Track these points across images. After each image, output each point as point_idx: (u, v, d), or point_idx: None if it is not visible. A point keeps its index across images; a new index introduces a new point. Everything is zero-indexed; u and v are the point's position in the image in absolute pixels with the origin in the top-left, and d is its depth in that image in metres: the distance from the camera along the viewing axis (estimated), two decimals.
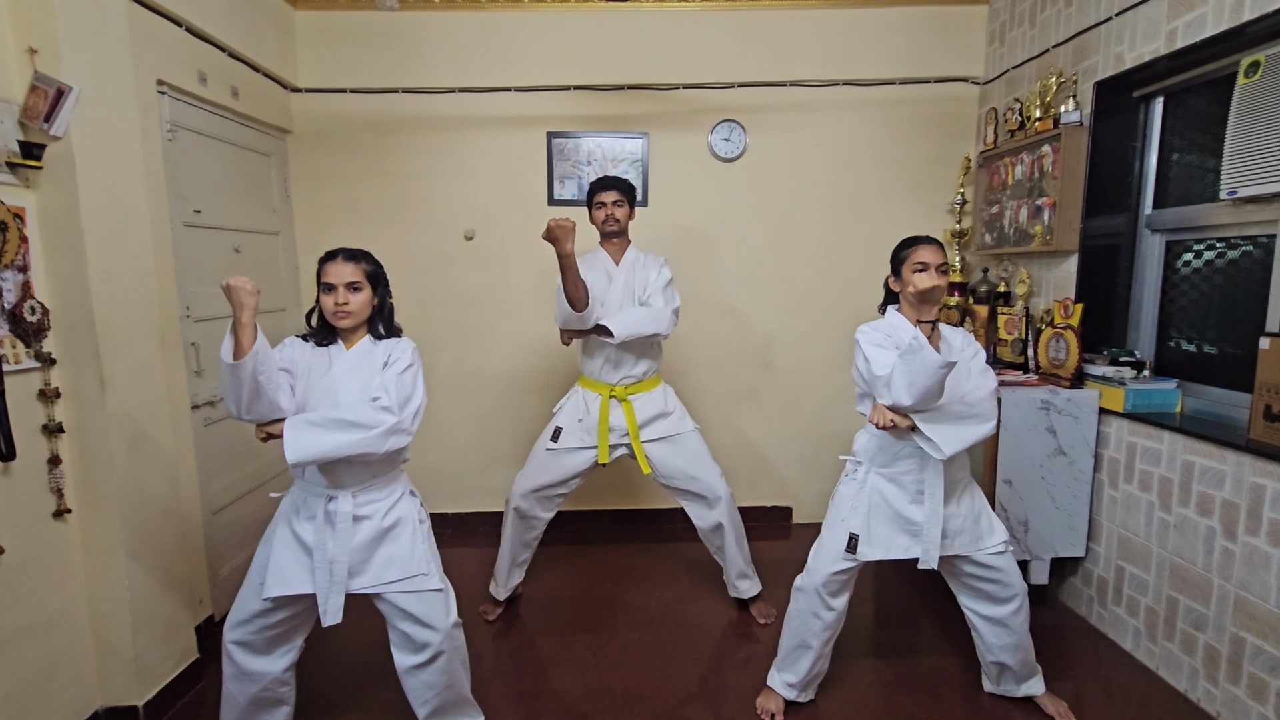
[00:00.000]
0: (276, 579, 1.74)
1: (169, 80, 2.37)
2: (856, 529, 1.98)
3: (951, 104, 3.33)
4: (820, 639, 2.04)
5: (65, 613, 1.92)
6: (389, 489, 1.82)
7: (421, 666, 1.82)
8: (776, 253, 3.42)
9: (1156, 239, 2.57)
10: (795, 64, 3.27)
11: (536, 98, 3.28)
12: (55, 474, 1.87)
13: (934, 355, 1.68)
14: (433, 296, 3.41)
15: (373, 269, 1.83)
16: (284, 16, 3.14)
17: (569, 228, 2.23)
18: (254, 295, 1.55)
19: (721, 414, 3.51)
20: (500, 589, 2.69)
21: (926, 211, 3.39)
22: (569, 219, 2.24)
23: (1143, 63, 2.34)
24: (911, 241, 1.99)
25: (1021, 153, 2.87)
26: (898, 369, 1.77)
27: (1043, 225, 2.73)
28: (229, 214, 2.78)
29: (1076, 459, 2.54)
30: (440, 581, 1.83)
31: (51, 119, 1.77)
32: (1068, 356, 2.56)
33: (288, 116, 3.22)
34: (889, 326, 2.00)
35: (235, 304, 1.54)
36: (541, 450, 2.61)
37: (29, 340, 1.80)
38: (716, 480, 2.58)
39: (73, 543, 1.94)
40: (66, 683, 1.92)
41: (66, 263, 1.86)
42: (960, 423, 1.84)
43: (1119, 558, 2.47)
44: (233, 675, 1.82)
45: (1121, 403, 2.40)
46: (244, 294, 1.52)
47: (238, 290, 1.52)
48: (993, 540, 2.00)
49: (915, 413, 1.83)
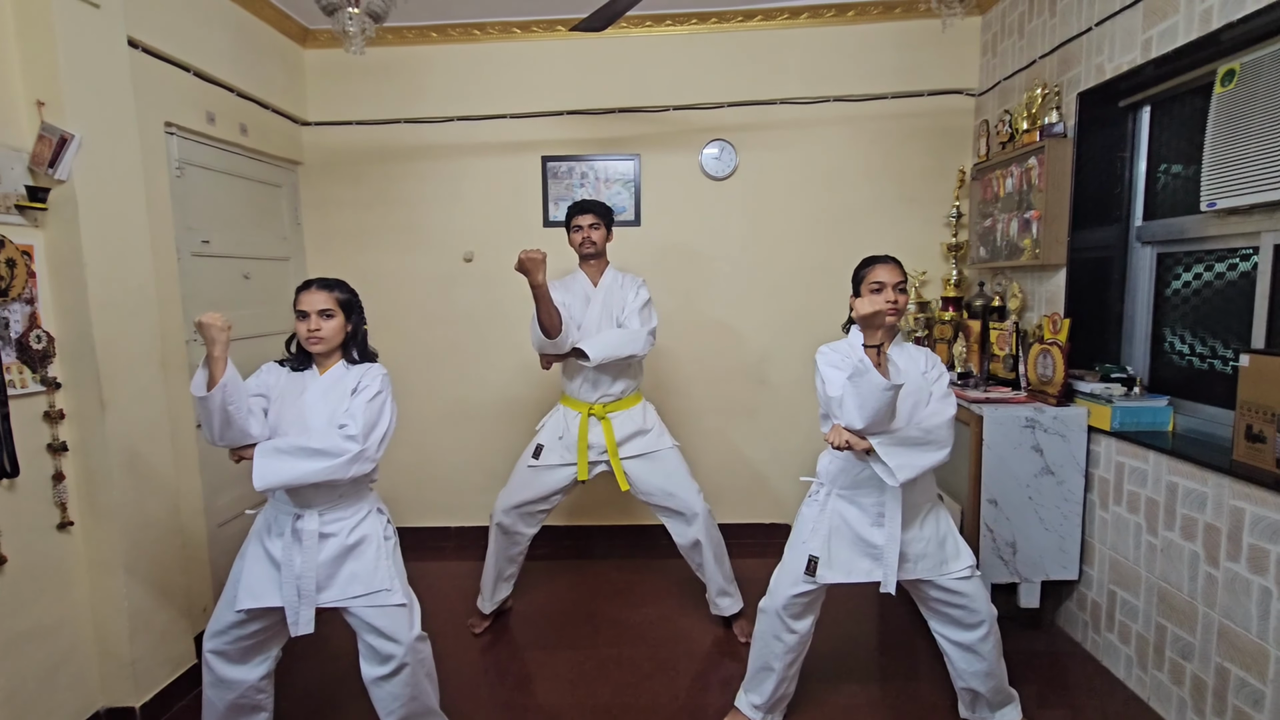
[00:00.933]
0: (247, 592, 1.85)
1: (177, 121, 2.55)
2: (817, 551, 1.98)
3: (946, 117, 3.30)
4: (783, 661, 2.04)
5: (69, 618, 2.06)
6: (355, 507, 1.91)
7: (386, 678, 1.89)
8: (770, 270, 3.43)
9: (1148, 251, 2.50)
10: (785, 82, 3.29)
11: (531, 123, 3.38)
12: (59, 489, 2.03)
13: (879, 379, 1.68)
14: (434, 317, 3.53)
15: (346, 297, 1.93)
16: (294, 56, 3.33)
17: (539, 259, 2.31)
18: (225, 330, 1.65)
19: (717, 431, 3.52)
20: (486, 603, 2.76)
21: (922, 225, 3.35)
22: (539, 250, 2.32)
23: (1122, 73, 2.29)
24: (869, 261, 2.00)
25: (1011, 165, 2.82)
26: (847, 391, 1.77)
27: (1031, 238, 2.68)
28: (238, 243, 2.96)
29: (1065, 479, 2.47)
30: (404, 596, 1.91)
31: (56, 164, 1.94)
32: (1054, 373, 2.50)
33: (298, 149, 3.41)
34: (848, 347, 2.00)
35: (208, 340, 1.65)
36: (523, 467, 2.68)
37: (35, 366, 1.96)
38: (694, 497, 2.60)
39: (76, 553, 2.09)
40: (69, 683, 2.06)
41: (70, 295, 2.02)
42: (916, 449, 1.82)
43: (1111, 581, 2.38)
44: (211, 683, 1.93)
45: (1109, 421, 2.33)
46: (215, 330, 1.63)
47: (208, 327, 1.63)
48: (958, 565, 1.96)
49: (871, 435, 1.83)
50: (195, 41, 2.63)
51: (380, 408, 1.86)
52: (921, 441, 1.83)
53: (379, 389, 1.86)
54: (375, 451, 1.84)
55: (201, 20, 2.67)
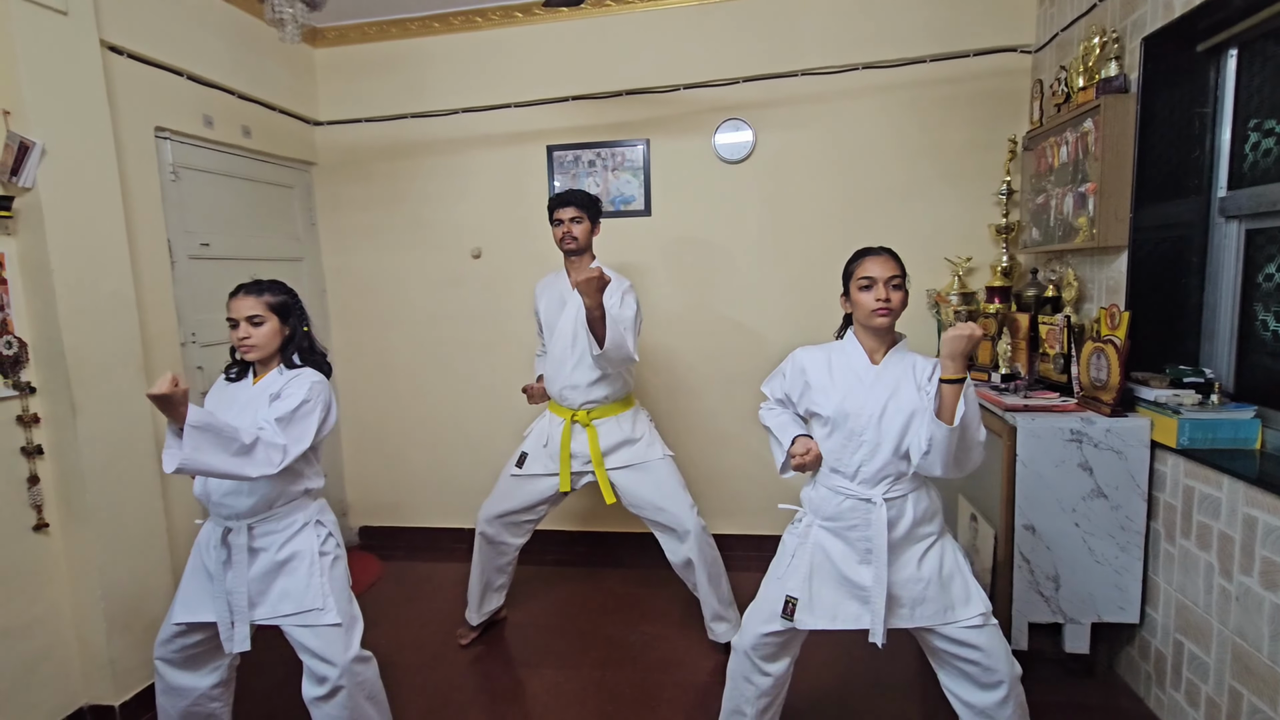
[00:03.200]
0: (183, 605, 1.81)
1: (169, 125, 2.57)
2: (795, 591, 1.71)
3: (995, 79, 2.87)
4: (754, 706, 1.79)
5: (47, 616, 2.11)
6: (287, 520, 1.82)
7: (323, 700, 1.80)
8: (791, 260, 3.12)
9: (1234, 227, 2.04)
10: (804, 52, 2.97)
11: (535, 112, 3.23)
12: (34, 491, 2.07)
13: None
14: (444, 313, 3.46)
15: (279, 299, 1.84)
16: (304, 56, 3.33)
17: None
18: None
19: (734, 435, 3.26)
20: (474, 614, 2.65)
21: (967, 205, 2.95)
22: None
23: (1198, 4, 1.86)
24: (860, 254, 1.71)
25: (1065, 130, 2.40)
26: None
27: (1087, 216, 2.26)
28: (243, 244, 2.98)
29: (1122, 503, 2.07)
30: (339, 616, 1.80)
31: (19, 172, 1.96)
32: (1109, 376, 2.09)
33: (311, 149, 3.42)
34: (833, 351, 1.73)
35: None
36: (507, 475, 2.54)
37: (6, 372, 2.00)
38: (685, 512, 2.37)
39: (55, 553, 2.14)
40: (49, 679, 2.11)
41: (41, 301, 2.05)
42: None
43: (1177, 630, 1.97)
44: (163, 690, 1.91)
45: (1175, 436, 1.91)
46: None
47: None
48: (967, 612, 1.64)
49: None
50: (190, 46, 2.64)
51: (303, 421, 1.72)
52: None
53: (304, 398, 1.74)
54: (282, 461, 1.66)
55: (196, 25, 2.68)
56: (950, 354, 1.47)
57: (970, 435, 1.50)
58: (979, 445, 1.53)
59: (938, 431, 1.47)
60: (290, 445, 1.69)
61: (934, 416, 1.48)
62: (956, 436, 1.46)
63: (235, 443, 1.58)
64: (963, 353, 1.46)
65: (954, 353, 1.46)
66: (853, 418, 1.63)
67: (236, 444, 1.58)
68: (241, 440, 1.59)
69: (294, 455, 1.69)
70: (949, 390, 1.47)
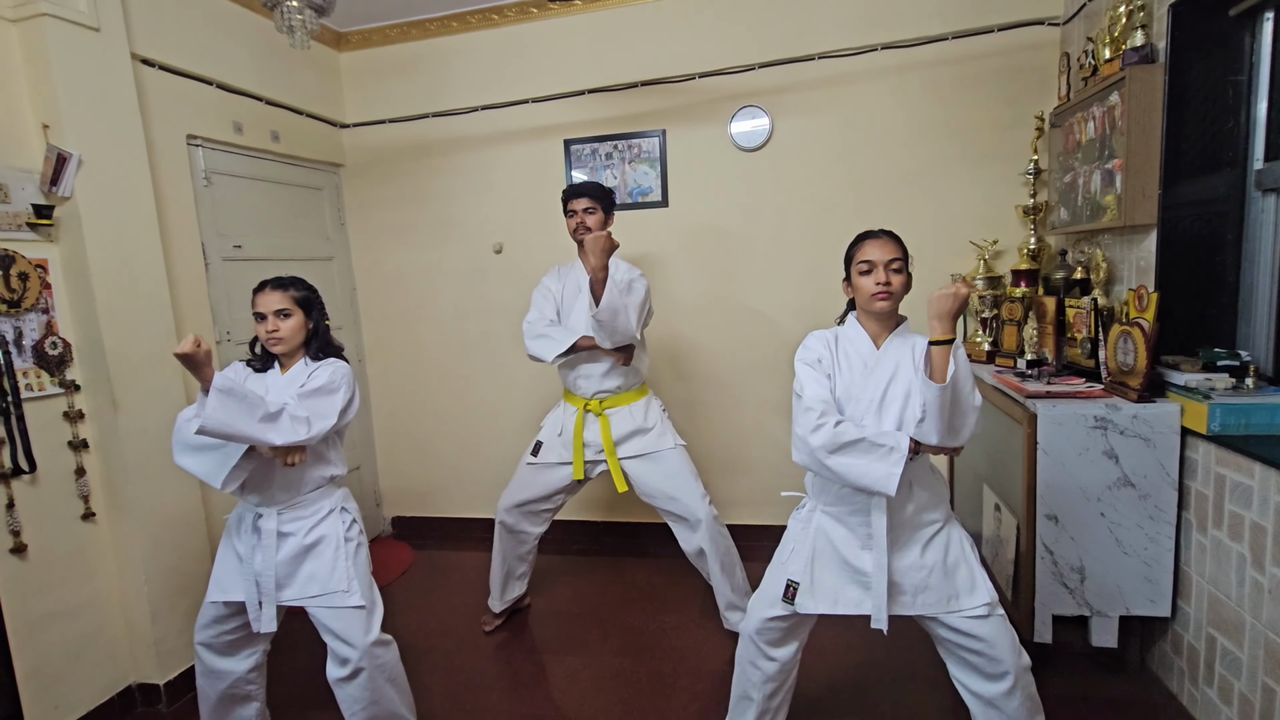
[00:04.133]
0: (217, 585, 1.90)
1: (201, 133, 2.69)
2: (797, 576, 1.70)
3: (1021, 54, 2.77)
4: (761, 692, 1.79)
5: (96, 600, 2.25)
6: (314, 507, 1.90)
7: (345, 680, 1.88)
8: (810, 247, 3.07)
9: (1271, 201, 1.93)
10: (820, 35, 2.91)
11: (553, 107, 3.25)
12: (81, 483, 2.20)
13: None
14: (468, 309, 3.53)
15: (303, 295, 1.91)
16: (330, 61, 3.42)
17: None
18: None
19: (758, 424, 3.24)
20: (496, 602, 2.71)
21: (993, 186, 2.86)
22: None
23: None
24: (860, 237, 1.69)
25: (1092, 105, 2.31)
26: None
27: (1115, 194, 2.17)
28: (274, 245, 3.10)
29: (1151, 492, 1.99)
30: (362, 599, 1.88)
31: (58, 182, 2.08)
32: (1136, 360, 2.01)
33: (339, 152, 3.51)
34: (839, 336, 1.71)
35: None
36: (523, 464, 2.59)
37: (52, 370, 2.13)
38: (697, 502, 2.38)
39: (102, 541, 2.27)
40: (100, 659, 2.25)
41: (82, 303, 2.17)
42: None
43: (1210, 623, 1.89)
44: (203, 673, 2.01)
45: (1205, 422, 1.83)
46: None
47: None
48: (972, 601, 1.61)
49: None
50: (218, 56, 2.74)
51: (327, 399, 1.81)
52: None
53: (325, 380, 1.82)
54: (307, 434, 1.75)
55: (224, 35, 2.78)
56: (938, 314, 1.45)
57: (964, 398, 1.46)
58: (974, 409, 1.49)
59: (929, 393, 1.44)
60: (314, 419, 1.77)
61: (925, 378, 1.45)
62: (949, 397, 1.43)
63: (260, 409, 1.66)
64: (949, 312, 1.44)
65: (941, 313, 1.44)
66: (853, 404, 1.61)
67: (262, 410, 1.67)
68: (267, 408, 1.68)
69: (318, 430, 1.77)
70: (938, 352, 1.44)
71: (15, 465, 2.00)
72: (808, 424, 1.56)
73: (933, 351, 1.46)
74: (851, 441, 1.51)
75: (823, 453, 1.53)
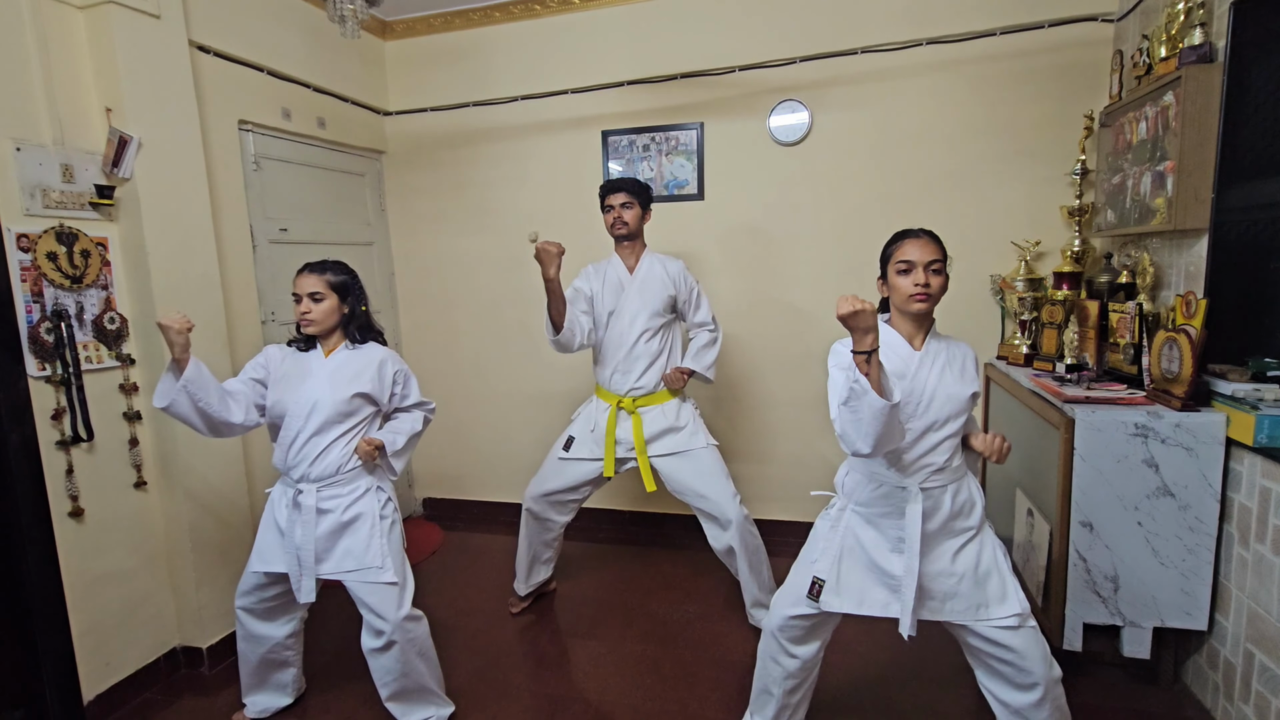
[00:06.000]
0: (259, 556, 1.99)
1: (251, 119, 2.77)
2: (824, 574, 1.71)
3: (1071, 51, 2.70)
4: (781, 688, 1.81)
5: (146, 565, 2.35)
6: (352, 485, 1.96)
7: (378, 651, 1.95)
8: (848, 244, 3.05)
9: None
10: (863, 29, 2.88)
11: (592, 98, 3.27)
12: (134, 453, 2.31)
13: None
14: (505, 298, 3.58)
15: (339, 279, 1.97)
16: (375, 49, 3.49)
17: (554, 252, 2.21)
18: (183, 334, 1.72)
19: (793, 421, 3.23)
20: (522, 585, 2.76)
21: (1038, 186, 2.80)
22: (557, 243, 2.23)
23: None
24: (898, 236, 1.67)
25: (1144, 105, 2.25)
26: (845, 418, 1.48)
27: (1165, 197, 2.12)
28: (318, 229, 3.18)
29: (1191, 503, 1.95)
30: (395, 576, 1.94)
31: (119, 164, 2.17)
32: (1181, 367, 1.96)
33: (381, 139, 3.58)
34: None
35: (168, 342, 1.73)
36: (554, 457, 2.62)
37: (110, 344, 2.23)
38: (728, 502, 2.39)
39: (153, 509, 2.37)
40: (148, 620, 2.36)
41: (139, 281, 2.27)
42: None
43: (1248, 639, 1.85)
44: (243, 637, 2.11)
45: (1252, 433, 1.78)
46: (173, 334, 1.71)
47: (167, 330, 1.70)
48: (1002, 611, 1.60)
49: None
50: (269, 44, 2.82)
51: (415, 383, 2.13)
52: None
53: (406, 374, 2.08)
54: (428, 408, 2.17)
55: (275, 23, 2.85)
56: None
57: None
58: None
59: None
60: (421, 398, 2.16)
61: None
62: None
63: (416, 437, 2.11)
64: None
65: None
66: (900, 405, 1.59)
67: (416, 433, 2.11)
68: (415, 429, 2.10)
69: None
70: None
71: (75, 433, 2.11)
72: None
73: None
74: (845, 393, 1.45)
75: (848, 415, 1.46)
